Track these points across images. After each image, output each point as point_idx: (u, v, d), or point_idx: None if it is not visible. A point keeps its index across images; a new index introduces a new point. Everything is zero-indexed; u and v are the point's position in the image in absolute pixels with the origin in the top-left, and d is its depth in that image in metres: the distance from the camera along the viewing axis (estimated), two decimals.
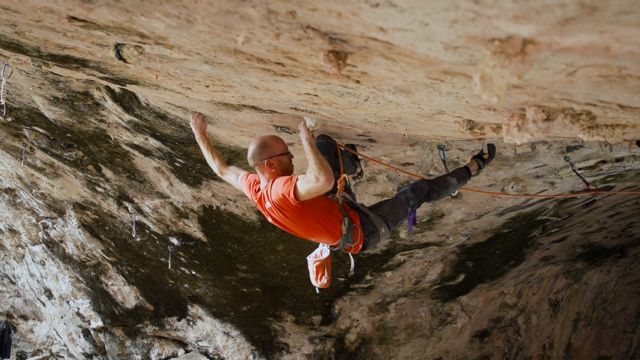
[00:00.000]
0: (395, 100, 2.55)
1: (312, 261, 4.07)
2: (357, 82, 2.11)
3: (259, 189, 3.82)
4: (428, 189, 4.30)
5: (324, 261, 4.02)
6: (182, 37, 1.84)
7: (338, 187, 3.91)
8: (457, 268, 9.12)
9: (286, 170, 3.78)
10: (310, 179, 3.32)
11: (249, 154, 3.80)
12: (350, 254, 4.14)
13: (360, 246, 3.95)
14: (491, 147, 4.83)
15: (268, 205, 3.63)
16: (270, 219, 3.77)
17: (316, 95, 2.92)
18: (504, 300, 10.43)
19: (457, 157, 5.90)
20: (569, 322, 11.38)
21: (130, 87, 4.27)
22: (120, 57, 2.44)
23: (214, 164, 4.39)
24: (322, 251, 4.04)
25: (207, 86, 3.29)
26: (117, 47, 2.40)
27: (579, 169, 5.84)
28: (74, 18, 1.95)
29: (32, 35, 2.73)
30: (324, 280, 4.03)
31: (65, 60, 3.43)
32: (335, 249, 3.95)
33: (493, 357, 10.60)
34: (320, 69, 2.02)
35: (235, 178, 4.21)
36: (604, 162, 5.85)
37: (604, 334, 11.94)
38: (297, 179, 3.42)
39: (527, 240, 8.76)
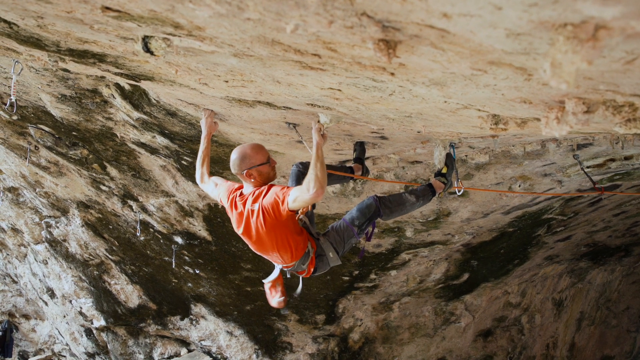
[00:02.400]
0: (423, 94, 2.54)
1: (266, 284, 4.11)
2: (392, 74, 2.09)
3: (241, 194, 3.87)
4: (376, 206, 4.21)
5: (275, 281, 4.05)
6: (221, 26, 1.81)
7: (300, 210, 3.95)
8: (462, 267, 9.12)
9: (267, 179, 3.85)
10: (302, 189, 3.41)
11: (231, 163, 3.87)
12: (300, 277, 4.17)
13: (312, 269, 4.01)
14: (448, 159, 4.70)
15: (255, 207, 3.67)
16: (241, 226, 3.80)
17: (339, 90, 2.90)
18: (508, 300, 10.44)
19: (466, 155, 5.90)
20: (573, 321, 11.40)
21: (144, 84, 4.25)
22: (148, 50, 2.41)
23: (200, 169, 4.40)
24: (274, 273, 4.07)
25: (227, 81, 3.28)
26: (145, 40, 2.38)
27: (587, 167, 5.84)
28: (107, 8, 1.92)
29: (55, 28, 2.70)
30: (279, 300, 4.05)
31: (83, 55, 3.41)
32: (287, 269, 4.00)
33: (496, 357, 10.61)
34: (358, 61, 2.00)
35: (213, 187, 4.23)
36: (612, 160, 5.86)
37: (607, 334, 11.97)
38: (292, 189, 3.52)
39: (532, 239, 8.77)
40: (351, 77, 2.45)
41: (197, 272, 8.70)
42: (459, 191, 4.75)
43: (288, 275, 4.12)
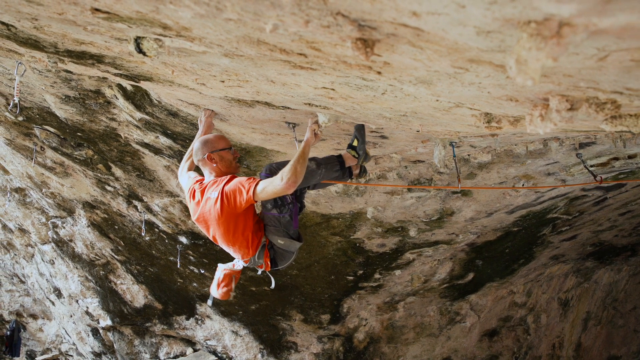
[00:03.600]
0: (413, 93, 2.55)
1: (221, 269, 4.04)
2: (379, 73, 2.11)
3: (201, 183, 3.89)
4: (265, 176, 4.15)
5: (233, 273, 4.01)
6: (206, 27, 1.84)
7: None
8: (467, 267, 9.10)
9: (229, 165, 3.88)
10: (274, 178, 3.42)
11: (194, 151, 3.92)
12: (269, 273, 4.14)
13: (268, 262, 3.96)
14: (357, 131, 4.20)
15: (213, 194, 3.66)
16: (196, 213, 3.80)
17: (333, 89, 2.92)
18: (513, 299, 10.40)
19: (468, 154, 5.90)
20: (579, 321, 11.34)
21: (143, 84, 4.29)
22: (140, 51, 2.45)
23: (184, 163, 4.39)
24: (235, 264, 4.02)
25: (223, 81, 3.30)
26: (137, 41, 2.41)
27: (591, 166, 5.82)
28: (97, 10, 1.96)
29: (51, 30, 2.74)
30: (224, 290, 3.99)
31: (81, 56, 3.45)
32: (247, 265, 3.96)
33: (502, 357, 10.57)
34: (343, 60, 2.02)
35: (187, 179, 4.22)
36: (616, 159, 5.83)
37: (614, 333, 11.89)
38: (261, 179, 3.53)
39: (537, 239, 8.73)
40: (341, 76, 2.47)
41: (202, 271, 8.74)
42: (458, 189, 4.71)
43: (259, 272, 4.11)
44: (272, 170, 3.98)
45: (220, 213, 3.61)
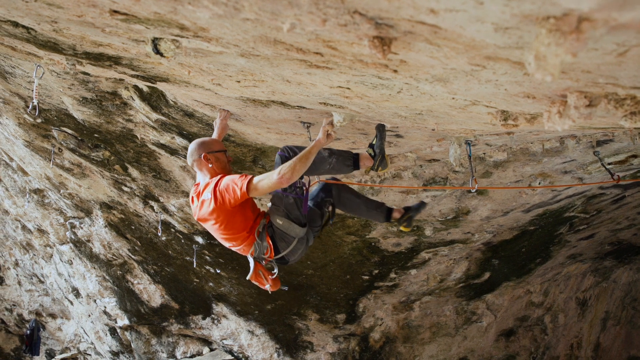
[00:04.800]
0: (429, 91, 2.55)
1: (248, 278, 4.12)
2: (395, 71, 2.11)
3: (197, 186, 3.94)
4: (280, 156, 4.16)
5: (256, 270, 4.06)
6: (224, 27, 1.86)
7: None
8: (483, 266, 9.05)
9: (224, 167, 3.92)
10: (270, 173, 3.47)
11: (188, 153, 3.96)
12: (273, 261, 4.13)
13: (270, 242, 3.97)
14: (379, 128, 4.20)
15: (207, 195, 3.72)
16: (197, 214, 3.86)
17: (348, 88, 2.92)
18: (530, 299, 10.32)
19: (484, 153, 5.86)
20: (598, 321, 11.22)
21: (160, 85, 4.33)
22: (158, 52, 2.47)
23: None
24: (250, 264, 4.08)
25: (239, 81, 3.33)
26: (155, 41, 2.43)
27: (609, 164, 5.76)
28: (115, 11, 1.98)
29: (70, 32, 2.78)
30: (267, 286, 4.13)
31: (99, 58, 3.49)
32: (254, 257, 4.01)
33: (519, 357, 10.49)
34: (359, 58, 2.03)
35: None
36: (634, 156, 5.77)
37: (634, 334, 11.74)
38: (255, 175, 3.58)
39: (554, 238, 8.66)
40: (357, 75, 2.47)
41: (218, 271, 8.79)
42: (473, 190, 4.65)
43: (274, 271, 4.13)
44: (289, 151, 4.08)
45: (215, 211, 3.67)
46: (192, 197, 3.95)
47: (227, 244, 4.01)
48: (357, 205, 4.47)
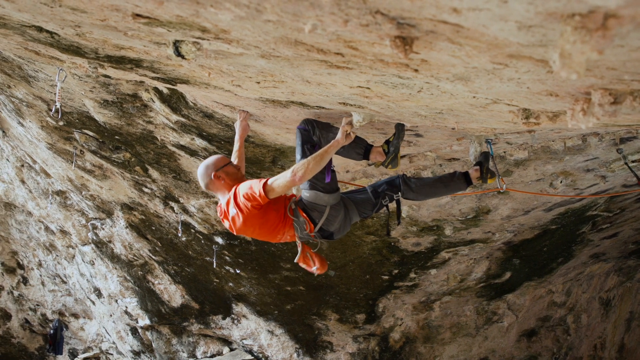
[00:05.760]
0: (450, 90, 2.54)
1: (296, 261, 4.14)
2: (416, 70, 2.11)
3: (220, 206, 3.95)
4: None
5: (303, 252, 4.07)
6: (245, 29, 1.87)
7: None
8: (503, 265, 8.97)
9: (236, 177, 3.91)
10: (286, 172, 3.49)
11: (199, 179, 3.97)
12: (317, 235, 4.10)
13: (310, 222, 3.96)
14: (398, 127, 4.25)
15: (233, 211, 3.74)
16: (235, 231, 3.88)
17: (368, 88, 2.92)
18: (552, 299, 10.20)
19: (504, 152, 5.81)
20: (622, 321, 11.05)
21: (180, 87, 4.37)
22: (179, 54, 2.50)
23: None
24: (298, 248, 4.09)
25: (258, 82, 3.34)
26: (176, 44, 2.46)
27: (633, 161, 5.67)
28: (138, 15, 2.01)
29: (92, 36, 2.82)
30: (314, 268, 4.09)
31: (120, 61, 3.54)
32: (302, 237, 4.02)
33: (541, 357, 10.38)
34: (380, 58, 2.03)
35: None
36: None
37: None
38: (269, 178, 3.58)
39: (576, 237, 8.55)
40: (377, 74, 2.47)
41: (238, 271, 8.83)
42: (501, 187, 4.60)
43: (310, 240, 4.12)
44: (310, 125, 4.13)
45: (247, 220, 3.71)
46: (222, 219, 3.98)
47: (274, 240, 4.04)
48: (435, 188, 4.40)
